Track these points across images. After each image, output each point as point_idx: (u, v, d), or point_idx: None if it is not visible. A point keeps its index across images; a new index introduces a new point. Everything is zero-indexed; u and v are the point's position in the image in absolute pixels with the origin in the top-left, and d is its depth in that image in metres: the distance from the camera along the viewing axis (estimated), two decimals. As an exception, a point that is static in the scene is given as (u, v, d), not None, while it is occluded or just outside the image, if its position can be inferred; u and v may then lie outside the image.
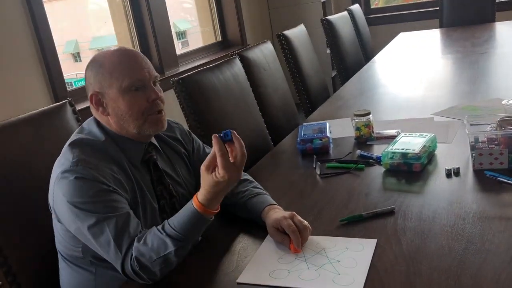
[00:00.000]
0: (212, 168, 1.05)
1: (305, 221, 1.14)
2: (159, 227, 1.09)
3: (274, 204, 1.24)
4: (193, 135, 1.42)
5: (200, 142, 1.43)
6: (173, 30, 3.61)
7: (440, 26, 4.26)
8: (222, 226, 1.30)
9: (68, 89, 2.74)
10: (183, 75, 1.71)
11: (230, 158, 1.05)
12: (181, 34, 4.43)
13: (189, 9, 4.37)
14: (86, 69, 1.20)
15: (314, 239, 1.15)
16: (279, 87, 2.38)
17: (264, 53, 2.36)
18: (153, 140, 1.27)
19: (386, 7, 5.58)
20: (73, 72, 3.44)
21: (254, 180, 1.37)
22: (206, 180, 1.06)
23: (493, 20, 4.02)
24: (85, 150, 1.14)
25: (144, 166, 1.23)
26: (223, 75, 1.89)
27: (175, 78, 1.68)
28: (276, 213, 1.18)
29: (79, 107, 2.52)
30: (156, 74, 1.22)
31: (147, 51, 3.37)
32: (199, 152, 1.39)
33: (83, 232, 1.08)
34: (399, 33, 4.25)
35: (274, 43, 2.64)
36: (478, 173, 1.36)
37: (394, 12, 5.24)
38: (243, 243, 1.20)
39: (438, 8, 4.30)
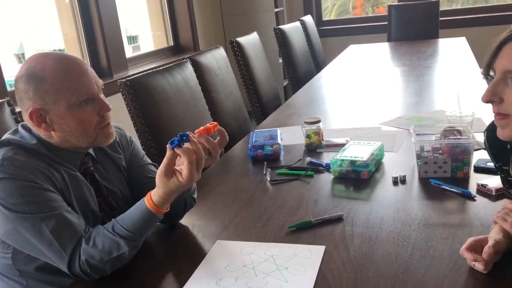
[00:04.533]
0: (171, 173, 1.02)
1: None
2: (108, 227, 1.04)
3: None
4: (134, 142, 1.33)
5: (140, 150, 1.34)
6: (124, 35, 3.52)
7: (388, 40, 4.41)
8: (167, 231, 1.26)
9: (9, 90, 2.60)
10: (131, 77, 1.65)
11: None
12: (132, 39, 4.33)
13: (141, 13, 4.28)
14: (19, 81, 1.07)
15: (262, 245, 1.13)
16: (231, 93, 2.36)
17: (217, 58, 2.34)
18: (90, 150, 1.19)
19: (337, 19, 5.72)
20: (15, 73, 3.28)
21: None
22: (166, 184, 1.01)
23: (436, 36, 4.21)
24: (12, 150, 1.05)
25: (82, 176, 1.15)
26: (174, 78, 1.85)
27: (122, 80, 1.62)
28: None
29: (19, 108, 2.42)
30: (101, 82, 1.14)
31: (95, 54, 3.26)
32: (136, 159, 1.30)
33: (17, 235, 1.01)
34: (349, 45, 4.36)
35: (227, 49, 2.63)
36: (423, 181, 1.39)
37: (345, 25, 5.38)
38: (189, 249, 1.16)
39: (386, 23, 4.45)
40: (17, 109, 1.43)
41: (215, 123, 1.12)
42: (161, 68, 1.86)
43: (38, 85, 1.05)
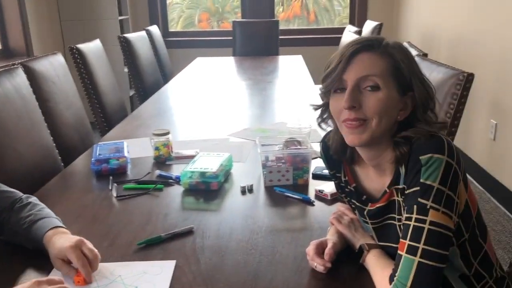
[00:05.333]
0: None
1: (95, 250, 1.04)
2: None
3: (59, 227, 1.10)
4: None
5: None
6: None
7: (234, 55, 4.58)
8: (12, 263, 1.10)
9: None
10: None
11: None
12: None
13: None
14: None
15: (109, 266, 1.06)
16: (72, 104, 2.19)
17: (54, 65, 2.15)
18: None
19: (184, 31, 5.76)
20: None
21: (40, 203, 1.20)
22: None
23: (277, 53, 4.52)
24: None
25: None
26: (2, 86, 1.64)
27: None
28: (61, 239, 1.05)
29: None
30: None
31: None
32: None
33: None
34: (196, 57, 4.42)
35: (66, 57, 2.44)
36: (269, 189, 1.47)
37: (192, 37, 5.44)
38: (27, 275, 1.03)
39: (231, 38, 4.62)
40: None
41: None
42: (-14, 73, 1.64)
43: None
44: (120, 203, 1.40)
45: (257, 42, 4.56)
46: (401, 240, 0.89)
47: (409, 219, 0.88)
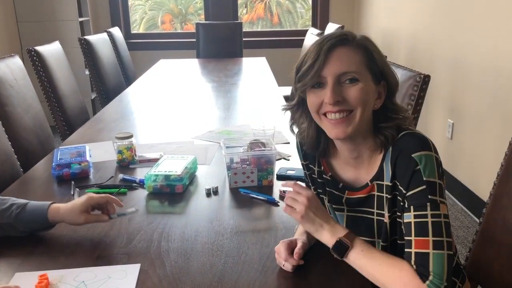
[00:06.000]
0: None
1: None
2: None
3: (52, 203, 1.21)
4: None
5: None
6: None
7: (197, 57, 4.57)
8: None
9: None
10: None
11: None
12: None
13: None
14: None
15: (72, 272, 1.04)
16: (31, 107, 2.14)
17: (11, 68, 2.09)
18: None
19: (147, 33, 5.70)
20: None
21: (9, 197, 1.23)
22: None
23: (241, 55, 4.53)
24: None
25: None
26: (-44, 90, 1.59)
27: None
28: (67, 204, 1.20)
29: None
30: None
31: None
32: None
33: None
34: (159, 59, 4.38)
35: (24, 59, 2.37)
36: (234, 191, 1.47)
37: (155, 39, 5.39)
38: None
39: (195, 40, 4.60)
40: None
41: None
42: None
43: None
44: (83, 208, 1.38)
45: (220, 44, 4.56)
46: (419, 238, 0.91)
47: (423, 216, 0.92)
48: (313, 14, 5.37)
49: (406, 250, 0.93)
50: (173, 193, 1.45)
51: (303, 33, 4.54)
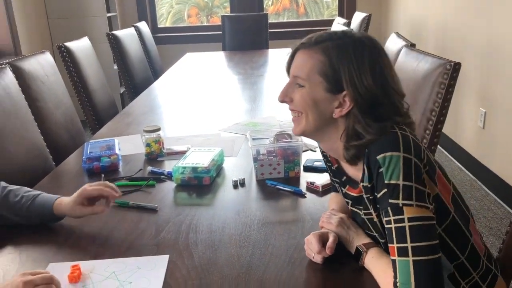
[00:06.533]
0: None
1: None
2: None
3: (60, 197, 1.24)
4: None
5: None
6: None
7: (223, 49, 4.58)
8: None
9: None
10: None
11: None
12: None
13: None
14: None
15: (103, 263, 1.07)
16: (61, 102, 2.18)
17: (42, 64, 2.14)
18: None
19: (173, 27, 5.75)
20: None
21: (22, 187, 1.29)
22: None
23: (266, 47, 4.52)
24: None
25: None
26: (-10, 86, 1.64)
27: None
28: (68, 197, 1.21)
29: None
30: None
31: None
32: None
33: None
34: (186, 53, 4.41)
35: (55, 55, 2.42)
36: (261, 183, 1.47)
37: (181, 33, 5.42)
38: (26, 268, 1.03)
39: (220, 32, 4.61)
40: None
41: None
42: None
43: None
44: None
45: (246, 36, 4.55)
46: (389, 245, 0.89)
47: (388, 222, 0.89)
48: (339, 3, 5.30)
49: None
50: (200, 185, 1.46)
51: (330, 23, 4.48)
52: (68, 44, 2.48)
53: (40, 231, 1.22)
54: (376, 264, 0.96)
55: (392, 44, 2.33)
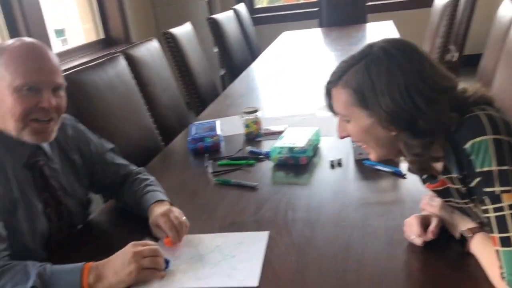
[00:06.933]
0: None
1: (182, 218, 1.15)
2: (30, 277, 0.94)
3: (160, 201, 1.23)
4: (88, 135, 1.34)
5: (96, 141, 1.35)
6: (51, 27, 3.35)
7: (320, 26, 4.51)
8: (108, 229, 1.24)
9: None
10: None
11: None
12: (60, 32, 4.14)
13: (68, 5, 4.09)
14: None
15: (208, 237, 1.15)
16: (168, 86, 2.33)
17: (151, 51, 2.30)
18: (45, 145, 1.18)
19: (270, 7, 5.77)
20: None
21: (149, 176, 1.36)
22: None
23: (365, 21, 4.36)
24: None
25: (28, 170, 1.14)
26: (107, 74, 1.80)
27: (52, 78, 1.56)
28: (157, 209, 1.18)
29: None
30: (59, 81, 1.13)
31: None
32: (97, 152, 1.34)
33: None
34: (282, 32, 4.42)
35: (160, 41, 2.58)
36: (358, 163, 1.46)
37: (277, 12, 5.43)
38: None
39: (317, 8, 4.54)
40: None
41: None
42: (92, 64, 1.80)
43: None
44: (216, 178, 1.49)
45: (343, 10, 4.43)
46: (491, 235, 0.85)
47: (486, 211, 0.84)
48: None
49: None
50: (297, 164, 1.49)
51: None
52: (172, 30, 2.62)
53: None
54: (483, 251, 0.91)
55: (506, 12, 2.13)
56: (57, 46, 3.76)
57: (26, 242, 1.11)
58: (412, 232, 1.01)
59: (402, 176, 1.34)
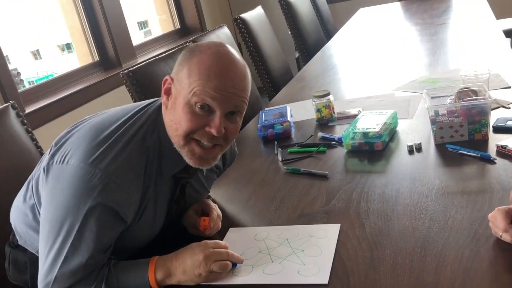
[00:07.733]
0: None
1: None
2: None
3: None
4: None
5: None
6: (134, 20, 3.48)
7: (399, 0, 4.25)
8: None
9: (21, 89, 2.62)
10: (133, 68, 1.63)
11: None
12: (143, 24, 4.30)
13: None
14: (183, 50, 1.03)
15: (276, 229, 1.11)
16: (239, 72, 2.32)
17: (221, 38, 2.29)
18: None
19: (345, -17, 5.53)
20: (33, 70, 3.30)
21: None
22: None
23: (450, -10, 4.03)
24: (124, 159, 0.94)
25: (171, 181, 1.06)
26: (177, 64, 1.82)
27: (125, 71, 1.60)
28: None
29: (30, 108, 2.43)
30: (239, 104, 0.98)
31: (102, 45, 3.24)
32: None
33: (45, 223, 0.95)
34: (358, 9, 4.23)
35: (232, 27, 2.57)
36: (440, 147, 1.34)
37: (353, -13, 5.20)
38: (201, 239, 1.15)
39: (396, -19, 4.28)
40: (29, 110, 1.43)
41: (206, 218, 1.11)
42: (163, 55, 1.83)
43: (185, 58, 0.97)
44: (286, 166, 1.45)
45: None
46: None
47: None
48: None
49: None
50: (372, 150, 1.40)
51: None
52: (243, 15, 2.59)
53: (222, 196, 1.33)
54: None
55: None
56: (139, 37, 3.90)
57: (128, 244, 1.07)
58: (498, 227, 0.90)
59: (491, 161, 1.21)
